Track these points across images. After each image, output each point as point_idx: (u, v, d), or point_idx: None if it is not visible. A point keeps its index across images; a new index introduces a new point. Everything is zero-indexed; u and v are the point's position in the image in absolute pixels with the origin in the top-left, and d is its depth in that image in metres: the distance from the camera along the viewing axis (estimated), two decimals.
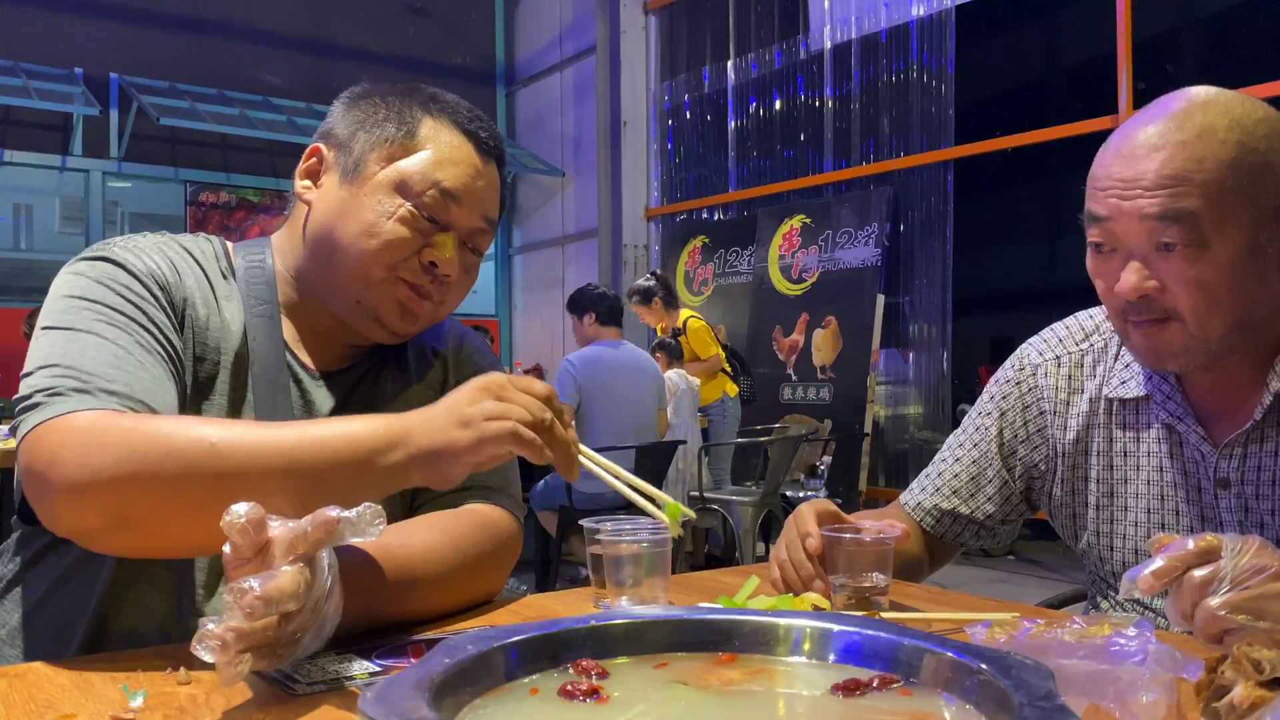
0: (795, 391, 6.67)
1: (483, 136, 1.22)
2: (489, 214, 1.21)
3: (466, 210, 1.18)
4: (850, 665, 0.68)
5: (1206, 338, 1.10)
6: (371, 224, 1.14)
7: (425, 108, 1.22)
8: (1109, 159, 1.12)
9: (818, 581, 1.14)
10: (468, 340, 1.37)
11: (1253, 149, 1.05)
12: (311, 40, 8.38)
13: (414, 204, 1.15)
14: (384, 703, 0.53)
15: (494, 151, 1.23)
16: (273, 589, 0.76)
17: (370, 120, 1.21)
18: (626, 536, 1.11)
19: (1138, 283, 1.09)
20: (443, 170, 1.17)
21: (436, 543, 1.10)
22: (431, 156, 1.17)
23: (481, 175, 1.20)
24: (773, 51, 7.46)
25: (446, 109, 1.23)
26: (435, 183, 1.15)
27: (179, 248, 1.17)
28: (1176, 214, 1.05)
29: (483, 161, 1.20)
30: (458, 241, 1.18)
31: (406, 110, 1.21)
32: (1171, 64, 10.23)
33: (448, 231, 1.17)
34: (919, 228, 6.41)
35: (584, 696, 0.63)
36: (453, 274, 1.17)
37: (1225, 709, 0.64)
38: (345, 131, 1.21)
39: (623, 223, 8.14)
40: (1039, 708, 0.53)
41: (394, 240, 1.14)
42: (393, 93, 1.24)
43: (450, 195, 1.16)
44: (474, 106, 1.28)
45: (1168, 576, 0.86)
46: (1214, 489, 1.19)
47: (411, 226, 1.15)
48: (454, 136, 1.20)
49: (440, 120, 1.21)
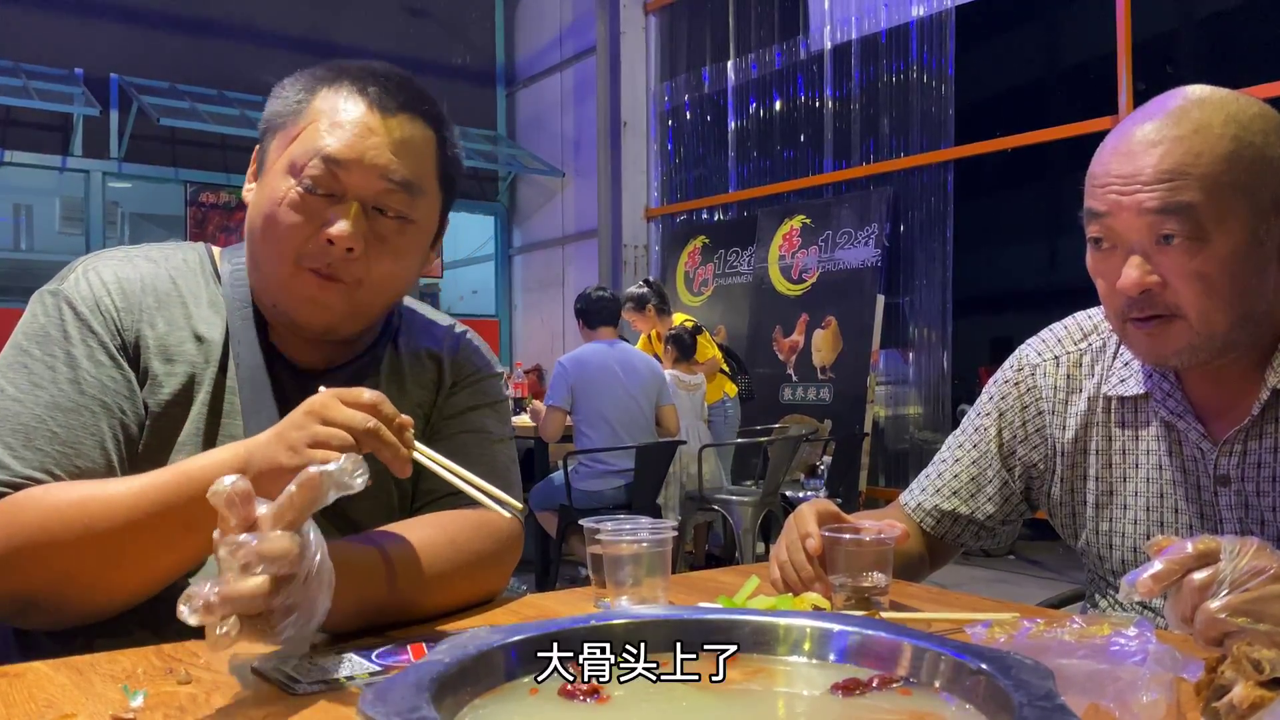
0: (795, 392, 6.66)
1: (383, 90, 1.13)
2: (393, 172, 1.11)
3: (360, 173, 1.09)
4: (850, 665, 0.68)
5: (1210, 333, 1.10)
6: (266, 214, 1.10)
7: (322, 80, 1.14)
8: (1107, 156, 1.13)
9: (817, 582, 1.14)
10: (465, 341, 1.35)
11: (1249, 143, 1.07)
12: (311, 40, 8.37)
13: (300, 182, 1.08)
14: (384, 703, 0.53)
15: (403, 105, 1.13)
16: (267, 547, 0.77)
17: (273, 110, 1.15)
18: (626, 536, 1.11)
19: (1139, 277, 1.09)
20: (326, 137, 1.09)
21: (434, 540, 1.10)
22: (317, 127, 1.10)
23: (377, 132, 1.10)
24: (773, 52, 7.45)
25: (346, 74, 1.14)
26: (317, 152, 1.08)
27: (148, 264, 1.17)
28: (1176, 207, 1.06)
29: (380, 117, 1.11)
30: (360, 209, 1.10)
31: (303, 89, 1.14)
32: (1171, 64, 10.23)
33: (344, 201, 1.09)
34: (919, 228, 6.40)
35: (584, 696, 0.63)
36: (356, 246, 1.08)
37: (1225, 709, 0.64)
38: (261, 127, 1.17)
39: (623, 223, 8.14)
40: (1039, 707, 0.53)
41: (288, 227, 1.09)
42: (300, 77, 1.17)
43: (334, 161, 1.08)
44: (393, 67, 1.18)
45: (1167, 580, 0.86)
46: (1213, 486, 1.19)
47: (302, 208, 1.08)
48: (345, 100, 1.12)
49: (335, 88, 1.13)
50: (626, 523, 1.13)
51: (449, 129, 1.20)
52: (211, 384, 1.14)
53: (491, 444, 1.29)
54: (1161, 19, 10.41)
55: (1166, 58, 10.32)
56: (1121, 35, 5.35)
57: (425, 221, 1.18)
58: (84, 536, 0.97)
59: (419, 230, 1.16)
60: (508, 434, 1.34)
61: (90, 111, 7.20)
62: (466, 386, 1.31)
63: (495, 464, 1.26)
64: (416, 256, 1.19)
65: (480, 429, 1.29)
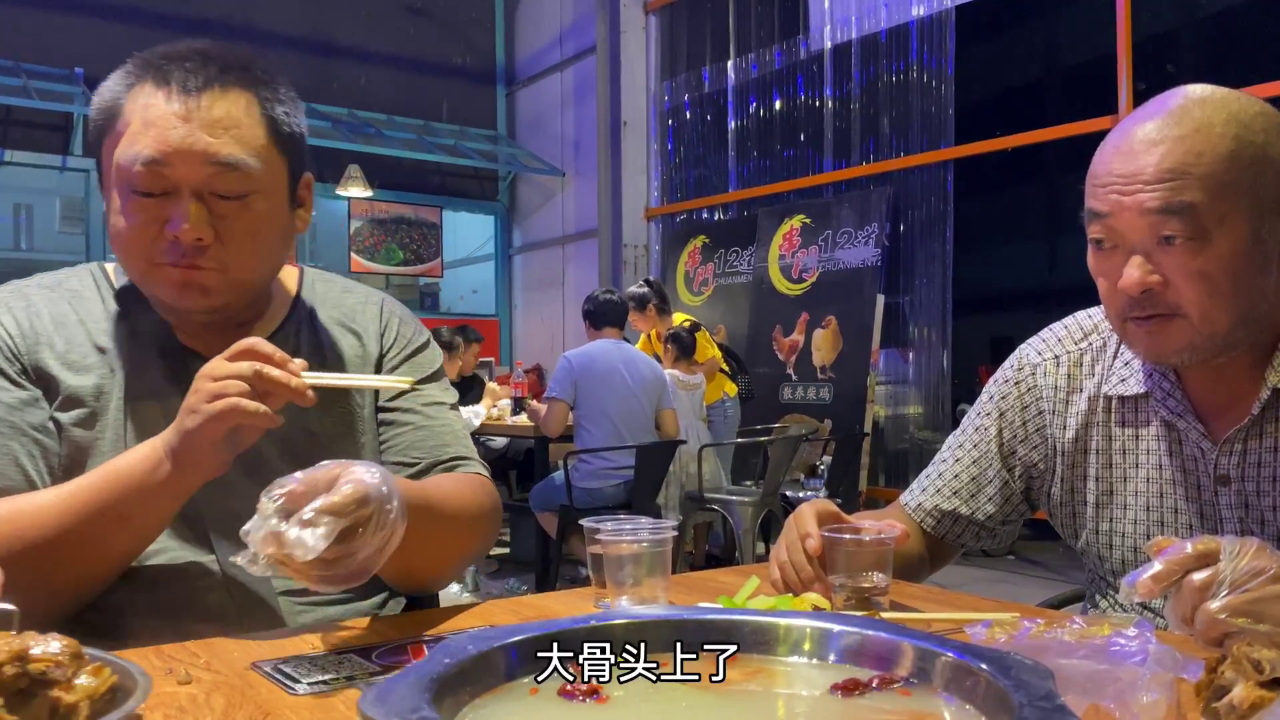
0: (795, 391, 6.66)
1: (185, 72, 1.10)
2: (215, 154, 1.08)
3: (183, 166, 1.08)
4: (850, 665, 0.68)
5: (1211, 331, 1.10)
6: (113, 227, 1.12)
7: (131, 76, 1.12)
8: (1108, 156, 1.12)
9: (817, 582, 1.14)
10: (386, 312, 1.34)
11: (1250, 142, 1.06)
12: (311, 40, 8.38)
13: (132, 190, 1.09)
14: (384, 703, 0.53)
15: (209, 81, 1.10)
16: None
17: (94, 118, 1.15)
18: (626, 536, 1.11)
19: (1140, 277, 1.09)
20: (141, 139, 1.08)
21: (460, 491, 1.20)
22: (133, 130, 1.09)
23: (188, 118, 1.08)
24: (773, 51, 7.45)
25: (150, 66, 1.12)
26: (137, 157, 1.07)
27: (40, 292, 1.20)
28: (1177, 207, 1.06)
29: (185, 102, 1.08)
30: (195, 200, 1.09)
31: (116, 90, 1.12)
32: (1171, 64, 10.23)
33: (178, 196, 1.08)
34: (919, 228, 6.40)
35: (584, 696, 0.63)
36: (203, 236, 1.08)
37: (1225, 709, 0.64)
38: (91, 136, 1.17)
39: (623, 223, 8.14)
40: (1039, 708, 0.53)
41: (132, 235, 1.10)
42: (115, 76, 1.14)
43: (154, 161, 1.07)
44: (200, 43, 1.15)
45: (1167, 580, 0.86)
46: (1214, 486, 1.19)
47: (139, 213, 1.09)
48: (150, 95, 1.09)
49: (141, 83, 1.11)
50: (626, 523, 1.13)
51: (270, 87, 1.16)
52: (122, 389, 1.16)
53: (448, 413, 1.32)
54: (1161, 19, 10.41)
55: (1166, 58, 10.32)
56: (1121, 35, 5.35)
57: (271, 189, 1.15)
58: (16, 547, 1.00)
59: (266, 199, 1.14)
60: (453, 399, 1.37)
61: (90, 111, 7.19)
62: (405, 360, 1.32)
63: (456, 431, 1.31)
64: (274, 225, 1.16)
65: (434, 400, 1.31)
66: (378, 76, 8.71)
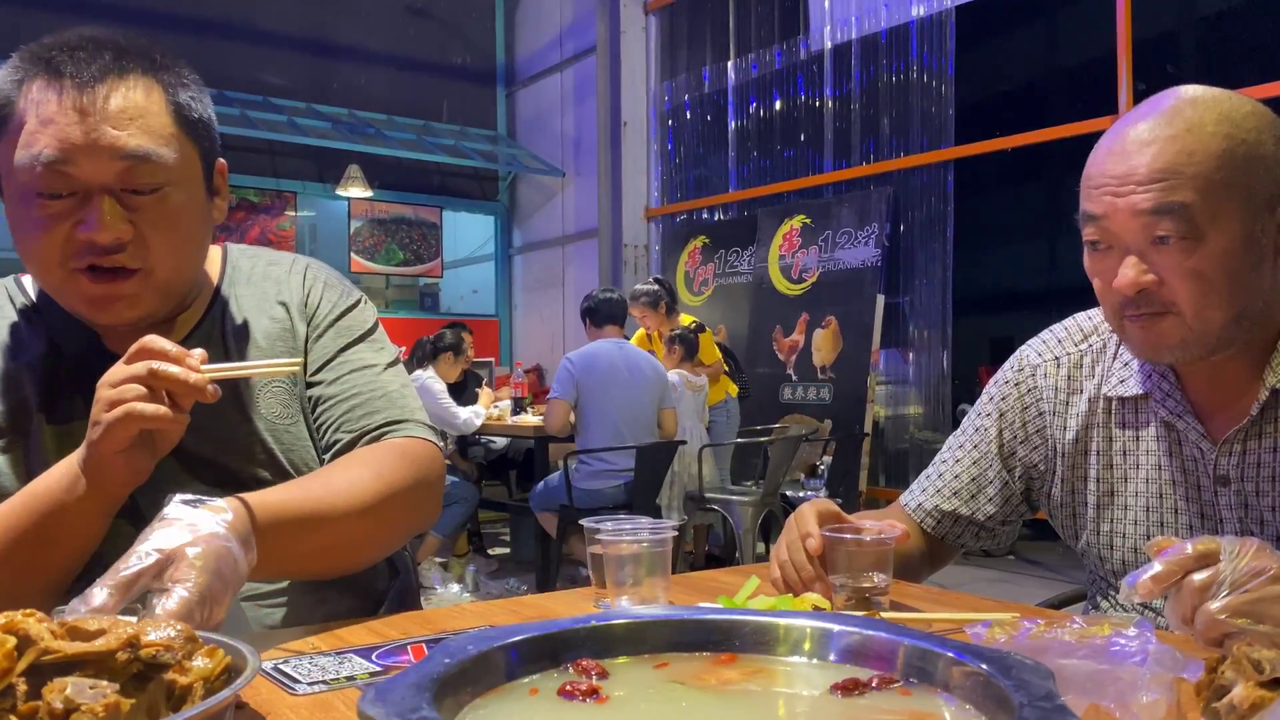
0: (795, 391, 6.66)
1: (78, 64, 1.02)
2: (121, 148, 1.01)
3: (89, 164, 1.01)
4: (850, 665, 0.68)
5: (1205, 329, 1.10)
6: (19, 235, 1.05)
7: (21, 70, 1.04)
8: (1101, 157, 1.13)
9: (818, 582, 1.14)
10: (309, 277, 1.28)
11: (1241, 140, 1.07)
12: (311, 40, 8.38)
13: (35, 194, 1.01)
14: (384, 703, 0.53)
15: (105, 70, 1.03)
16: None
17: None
18: (626, 536, 1.11)
19: (1135, 277, 1.10)
20: (39, 139, 1.00)
21: (358, 476, 1.10)
22: (29, 130, 1.01)
23: (89, 111, 1.01)
24: (773, 51, 7.45)
25: (40, 59, 1.04)
26: (37, 159, 1.00)
27: None
28: (1170, 207, 1.06)
29: (82, 95, 1.01)
30: (107, 199, 1.02)
31: (8, 87, 1.04)
32: (1171, 64, 10.23)
33: (88, 197, 1.02)
34: (919, 228, 6.40)
35: (584, 696, 0.63)
36: (120, 235, 1.02)
37: (1225, 709, 0.64)
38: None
39: (623, 223, 8.14)
40: (1039, 708, 0.53)
41: (42, 241, 1.03)
42: (4, 68, 1.06)
43: (56, 162, 1.00)
44: (93, 30, 1.06)
45: (1167, 581, 0.86)
46: (1213, 486, 1.19)
47: (46, 218, 1.02)
48: (43, 90, 1.01)
49: (33, 78, 1.03)
50: (626, 523, 1.13)
51: (172, 71, 1.09)
52: (42, 410, 1.12)
53: (379, 375, 1.25)
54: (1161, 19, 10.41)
55: (1166, 58, 10.32)
56: (1121, 35, 5.35)
57: (185, 179, 1.08)
58: None
59: (181, 190, 1.08)
60: (389, 357, 1.29)
61: None
62: (328, 326, 1.26)
63: (390, 393, 1.23)
64: (193, 216, 1.10)
65: (361, 364, 1.24)
66: (378, 77, 8.71)
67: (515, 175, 9.51)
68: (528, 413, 6.00)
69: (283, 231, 8.42)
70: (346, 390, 1.22)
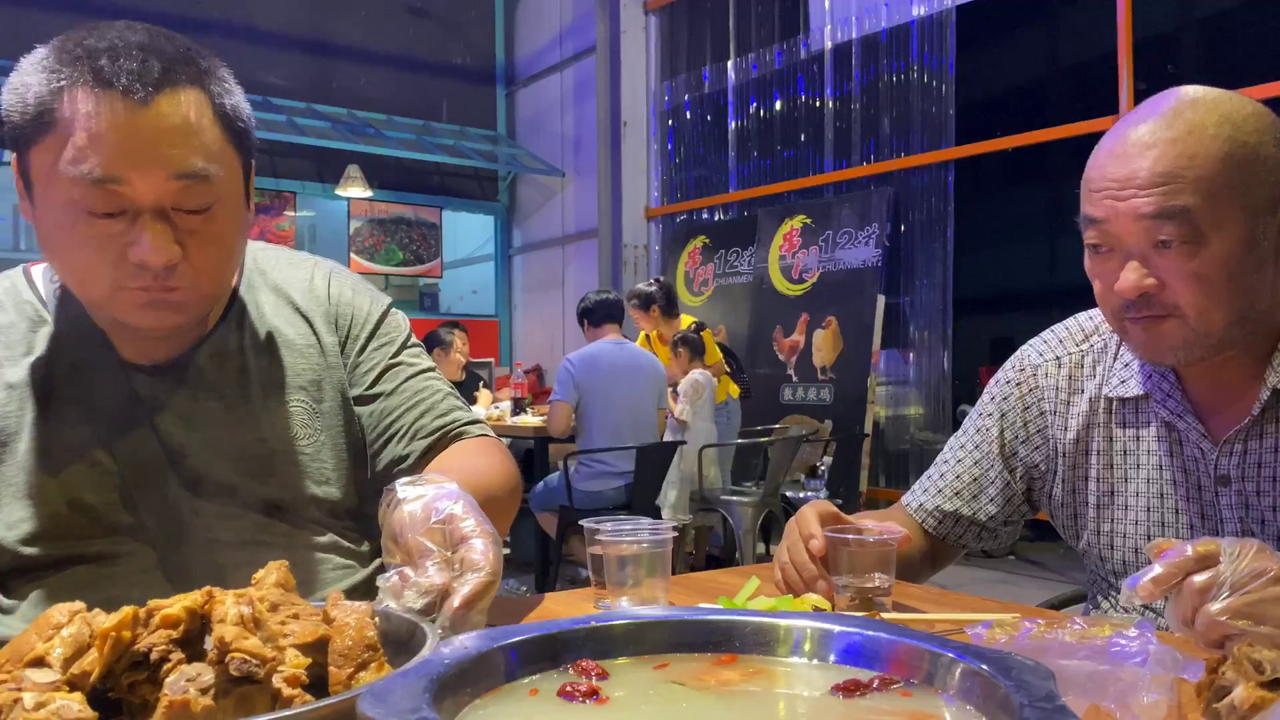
0: (795, 392, 6.66)
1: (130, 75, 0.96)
2: (178, 167, 0.97)
3: (143, 183, 0.96)
4: (850, 666, 0.68)
5: (1207, 331, 1.10)
6: (60, 249, 1.01)
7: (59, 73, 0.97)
8: (1102, 159, 1.13)
9: (820, 583, 1.14)
10: (334, 287, 1.25)
11: (1243, 143, 1.07)
12: (311, 40, 8.38)
13: (82, 211, 0.96)
14: (384, 703, 0.53)
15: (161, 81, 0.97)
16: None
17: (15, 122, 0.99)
18: (626, 536, 1.11)
19: (1137, 281, 1.09)
20: (89, 154, 0.94)
21: (488, 465, 1.19)
22: (75, 143, 0.95)
23: (142, 128, 0.96)
24: (773, 51, 7.45)
25: (83, 61, 0.97)
26: (86, 176, 0.95)
27: None
28: (1171, 211, 1.06)
29: (137, 110, 0.96)
30: (159, 220, 0.98)
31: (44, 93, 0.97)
32: (1171, 64, 10.23)
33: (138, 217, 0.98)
34: (919, 228, 6.40)
35: (584, 697, 0.63)
36: (171, 258, 0.98)
37: (1226, 710, 0.64)
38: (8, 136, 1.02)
39: (623, 223, 8.14)
40: (1039, 708, 0.53)
41: (89, 261, 0.99)
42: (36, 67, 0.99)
43: (108, 181, 0.95)
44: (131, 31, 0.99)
45: (1167, 583, 0.86)
46: (1214, 486, 1.19)
47: (93, 238, 0.97)
48: (91, 100, 0.95)
49: (76, 84, 0.96)
50: (626, 523, 1.13)
51: (216, 77, 1.04)
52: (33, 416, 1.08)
53: (432, 380, 1.28)
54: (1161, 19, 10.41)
55: (1166, 58, 10.32)
56: (1121, 35, 5.35)
57: (231, 191, 1.05)
58: None
59: (227, 204, 1.04)
60: (429, 361, 1.32)
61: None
62: (369, 338, 1.25)
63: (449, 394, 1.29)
64: (235, 226, 1.08)
65: (414, 371, 1.27)
66: (377, 76, 8.71)
67: (515, 175, 9.51)
68: (528, 413, 6.00)
69: (282, 231, 8.42)
70: (410, 399, 1.24)
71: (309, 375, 1.20)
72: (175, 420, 1.11)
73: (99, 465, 1.08)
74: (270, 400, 1.16)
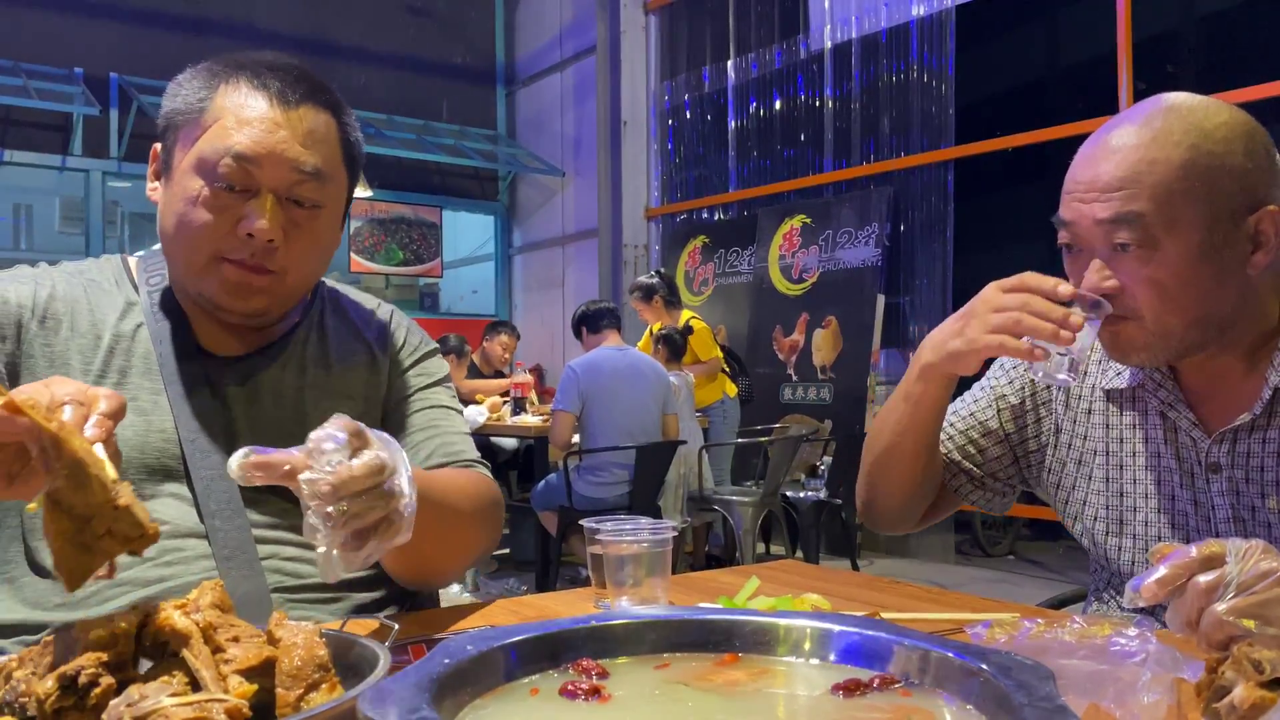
0: (795, 392, 6.66)
1: (283, 84, 1.15)
2: (303, 163, 1.14)
3: (272, 168, 1.12)
4: (850, 665, 0.68)
5: (1164, 334, 1.13)
6: (180, 215, 1.13)
7: (219, 76, 1.16)
8: (1077, 162, 1.18)
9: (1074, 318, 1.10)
10: (395, 321, 1.38)
11: (1207, 151, 1.09)
12: (311, 40, 8.37)
13: (213, 181, 1.11)
14: (384, 703, 0.53)
15: (305, 96, 1.16)
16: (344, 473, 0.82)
17: (173, 109, 1.17)
18: (627, 536, 1.11)
19: (1097, 282, 1.13)
20: (235, 135, 1.12)
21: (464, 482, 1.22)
22: (224, 125, 1.12)
23: (283, 125, 1.14)
24: (773, 51, 7.45)
25: (245, 69, 1.16)
26: (228, 150, 1.11)
27: (62, 276, 1.22)
28: (1127, 216, 1.09)
29: (283, 110, 1.14)
30: (274, 201, 1.13)
31: (203, 86, 1.16)
32: (1171, 64, 10.23)
33: (259, 195, 1.12)
34: (919, 228, 6.40)
35: (586, 695, 0.63)
36: (275, 237, 1.13)
37: (1226, 709, 0.64)
38: (160, 125, 1.20)
39: (623, 223, 8.14)
40: (1039, 708, 0.53)
41: (204, 225, 1.12)
42: (197, 73, 1.18)
43: (246, 158, 1.11)
44: (286, 58, 1.21)
45: (1171, 584, 0.85)
46: (1205, 474, 1.20)
47: (215, 205, 1.12)
48: (247, 96, 1.14)
49: (235, 83, 1.15)
50: (627, 523, 1.13)
51: (347, 114, 1.24)
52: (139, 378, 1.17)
53: (457, 418, 1.36)
54: (1161, 19, 10.41)
55: (1166, 58, 10.32)
56: (1121, 35, 5.35)
57: (335, 204, 1.21)
58: None
59: (330, 214, 1.21)
60: (460, 406, 1.42)
61: (90, 111, 7.19)
62: (411, 365, 1.36)
63: (465, 435, 1.35)
64: (331, 237, 1.23)
65: (441, 404, 1.35)
66: (377, 76, 8.71)
67: (515, 175, 9.51)
68: (527, 413, 5.99)
69: None
70: (434, 427, 1.31)
71: (358, 388, 1.30)
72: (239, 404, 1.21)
73: (164, 433, 1.16)
74: (321, 405, 1.23)
